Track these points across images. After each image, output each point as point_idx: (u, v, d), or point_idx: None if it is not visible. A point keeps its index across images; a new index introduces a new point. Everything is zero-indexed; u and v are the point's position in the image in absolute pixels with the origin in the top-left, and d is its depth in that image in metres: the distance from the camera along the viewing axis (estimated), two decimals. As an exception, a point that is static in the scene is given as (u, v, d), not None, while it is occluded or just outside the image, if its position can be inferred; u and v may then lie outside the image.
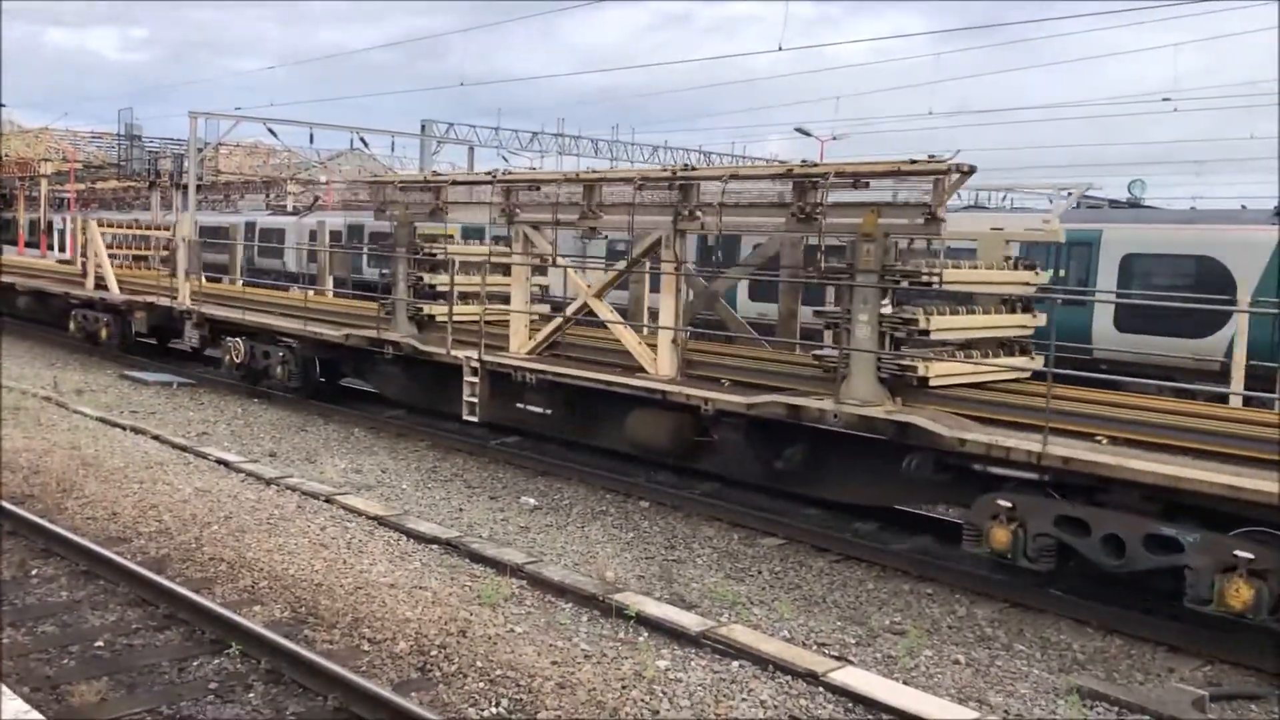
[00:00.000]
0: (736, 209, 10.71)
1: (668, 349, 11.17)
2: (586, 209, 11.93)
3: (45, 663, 6.54)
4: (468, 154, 47.05)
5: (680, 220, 11.01)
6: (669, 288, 11.17)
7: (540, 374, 11.92)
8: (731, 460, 10.88)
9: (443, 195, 13.87)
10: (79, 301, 21.39)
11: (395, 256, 14.23)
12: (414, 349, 13.59)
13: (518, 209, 12.73)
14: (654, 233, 11.28)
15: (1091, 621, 8.09)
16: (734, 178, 10.89)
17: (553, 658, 6.81)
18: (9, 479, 10.82)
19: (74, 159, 57.78)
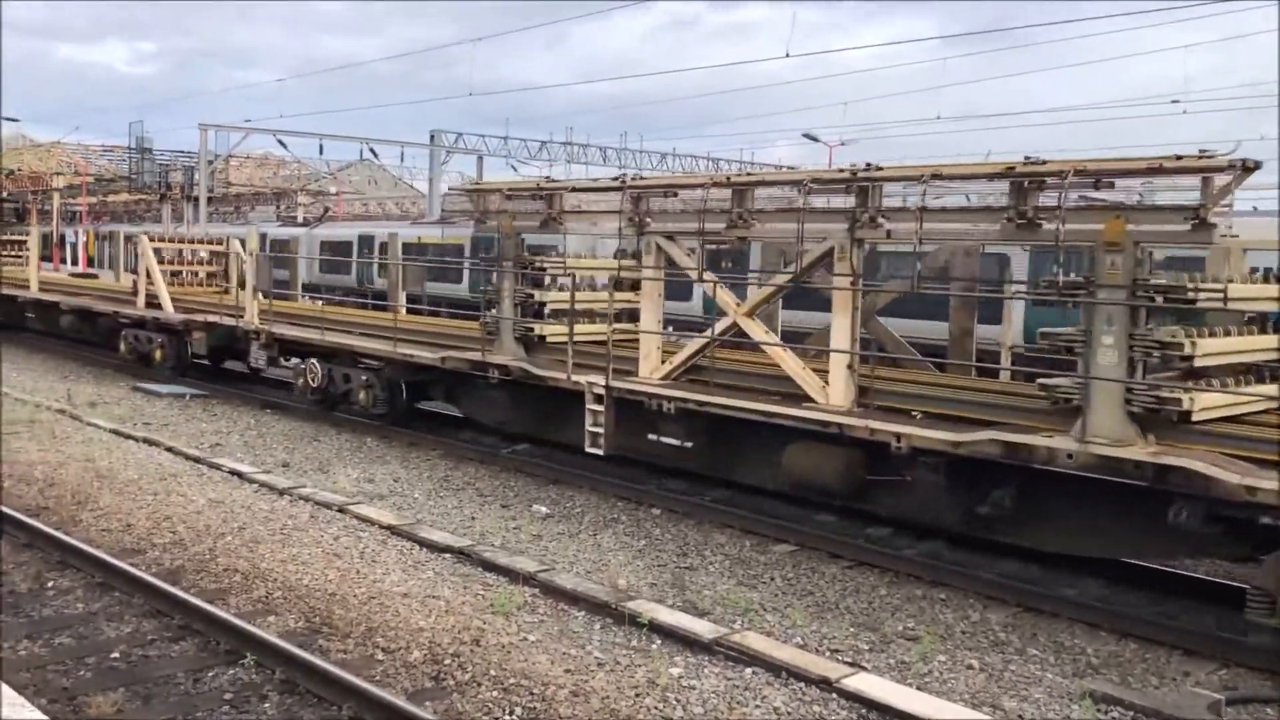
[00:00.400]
0: (941, 213, 9.36)
1: (842, 375, 9.81)
2: (736, 216, 10.69)
3: (62, 674, 6.58)
4: (477, 163, 47.25)
5: (859, 227, 9.68)
6: (843, 304, 9.84)
7: (681, 402, 10.65)
8: (923, 503, 9.44)
9: (556, 204, 12.75)
10: (129, 321, 20.21)
11: (501, 271, 12.95)
12: (526, 373, 12.36)
13: (649, 218, 11.56)
14: (825, 242, 9.96)
15: (1105, 625, 8.07)
16: (936, 178, 9.29)
17: (566, 666, 6.83)
18: (25, 491, 10.89)
19: (85, 172, 58.11)
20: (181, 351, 19.10)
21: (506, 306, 12.91)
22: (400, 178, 77.82)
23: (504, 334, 12.94)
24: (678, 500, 11.36)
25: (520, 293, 12.89)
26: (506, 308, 12.91)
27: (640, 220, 11.58)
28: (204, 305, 19.66)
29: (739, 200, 10.74)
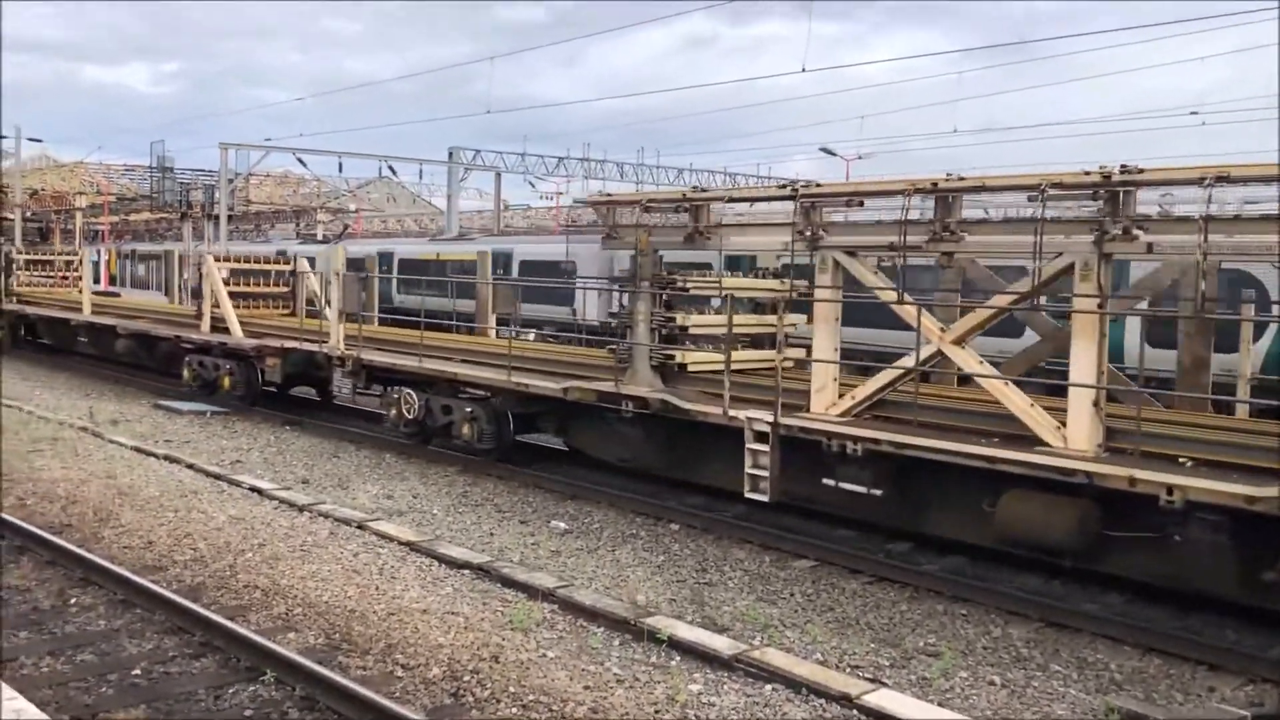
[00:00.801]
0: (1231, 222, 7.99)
1: (1085, 414, 8.41)
2: (940, 228, 9.33)
3: (84, 691, 6.61)
4: (495, 180, 47.45)
5: (1109, 240, 8.32)
6: (1087, 331, 8.49)
7: (871, 443, 9.29)
8: (1188, 565, 8.00)
9: (705, 216, 11.60)
10: (193, 346, 19.12)
11: (636, 292, 11.63)
12: (669, 407, 11.08)
13: (824, 230, 10.23)
14: (1060, 258, 8.64)
15: (1128, 640, 8.00)
16: (1223, 180, 7.84)
17: (585, 682, 6.81)
18: (48, 509, 10.96)
19: (107, 191, 58.67)
20: (252, 379, 17.95)
21: (642, 331, 11.59)
22: (419, 195, 78.23)
23: (638, 362, 11.63)
24: (696, 515, 11.34)
25: (658, 316, 11.61)
26: (642, 332, 11.59)
27: (814, 233, 10.21)
28: (274, 329, 18.63)
29: (942, 210, 9.36)
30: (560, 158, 47.61)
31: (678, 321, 11.76)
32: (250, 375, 17.96)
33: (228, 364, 18.23)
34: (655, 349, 11.63)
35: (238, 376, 18.01)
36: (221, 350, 18.46)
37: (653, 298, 11.61)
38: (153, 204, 47.06)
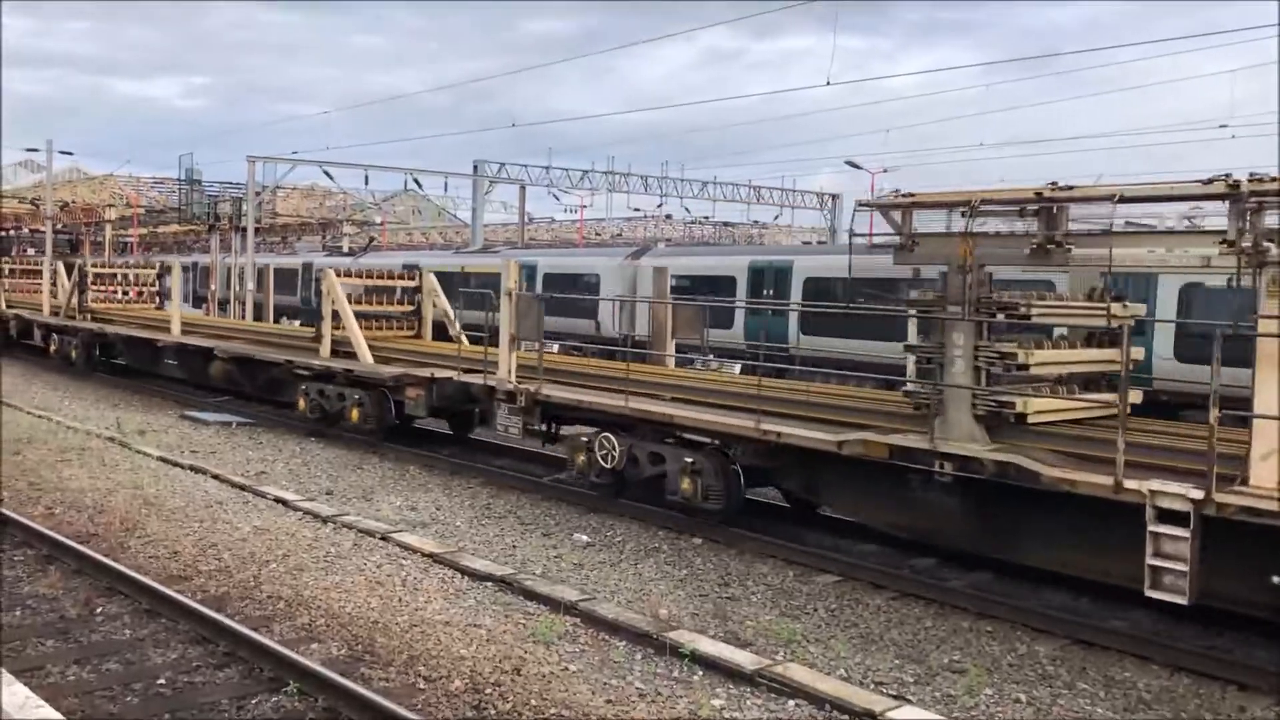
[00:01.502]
0: None
1: None
2: None
3: (109, 700, 6.65)
4: (519, 193, 47.66)
5: None
6: None
7: None
8: None
9: (1063, 221, 9.27)
10: (310, 374, 16.90)
11: (951, 320, 9.20)
12: (1015, 471, 8.52)
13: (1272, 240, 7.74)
14: None
15: (1157, 658, 7.90)
16: None
17: (607, 696, 6.79)
18: (75, 518, 11.05)
19: (136, 204, 59.30)
20: (385, 412, 15.63)
21: (961, 370, 9.13)
22: (444, 208, 78.62)
23: (955, 410, 9.17)
24: (719, 530, 11.30)
25: (987, 351, 9.10)
26: (961, 371, 9.13)
27: (1258, 244, 7.79)
28: (404, 354, 16.75)
29: None
30: (585, 171, 47.77)
31: (1019, 358, 9.06)
32: (383, 407, 15.62)
33: (355, 394, 15.87)
34: (982, 394, 9.08)
35: (368, 409, 15.64)
36: (347, 378, 16.17)
37: (977, 327, 9.10)
38: (181, 216, 47.54)
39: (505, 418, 13.57)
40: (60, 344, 25.58)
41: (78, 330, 24.87)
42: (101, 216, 57.22)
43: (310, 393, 16.75)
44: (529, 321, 13.25)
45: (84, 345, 24.46)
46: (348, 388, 16.08)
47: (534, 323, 13.26)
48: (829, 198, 52.65)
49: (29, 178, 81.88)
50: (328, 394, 16.45)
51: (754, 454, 10.89)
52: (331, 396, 16.35)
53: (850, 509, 11.00)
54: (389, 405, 15.57)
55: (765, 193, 51.79)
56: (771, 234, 61.19)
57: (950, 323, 9.24)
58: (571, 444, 12.55)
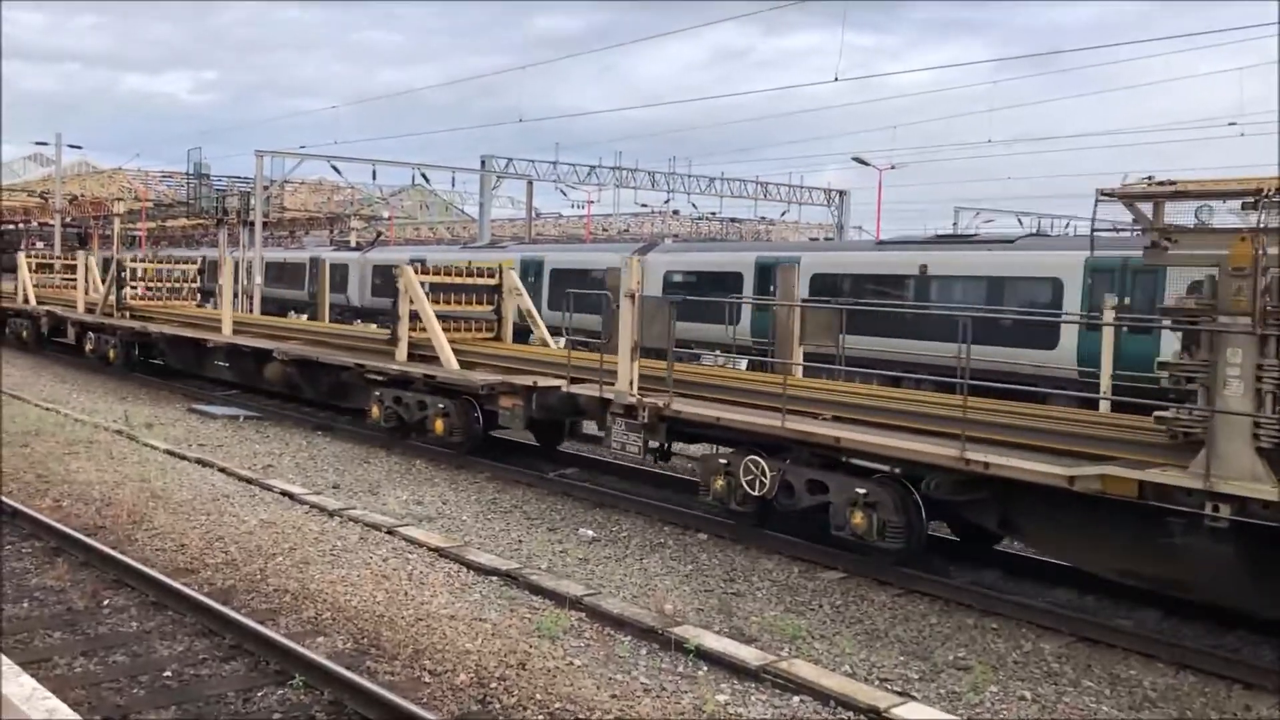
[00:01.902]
0: None
1: None
2: None
3: (116, 692, 6.68)
4: (526, 188, 47.68)
5: None
6: None
7: None
8: None
9: None
10: (385, 379, 15.57)
11: (1223, 332, 7.71)
12: None
13: None
14: None
15: (1163, 657, 7.89)
16: None
17: (612, 691, 6.80)
18: (83, 510, 11.09)
19: (145, 198, 59.42)
20: (471, 423, 14.29)
21: (1240, 393, 7.63)
22: (451, 203, 78.66)
23: (1229, 441, 7.60)
24: (725, 525, 11.30)
25: (1275, 371, 7.56)
26: (1240, 395, 7.63)
27: None
28: (489, 358, 15.29)
29: None
30: (592, 166, 47.77)
31: None
32: (470, 417, 14.26)
33: (440, 402, 14.45)
34: (1269, 423, 7.56)
35: (455, 419, 14.26)
36: (428, 385, 14.81)
37: (1262, 341, 7.59)
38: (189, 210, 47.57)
39: (622, 434, 11.77)
40: (97, 343, 24.07)
41: (116, 329, 23.49)
42: (110, 210, 57.35)
43: (385, 400, 15.29)
44: (657, 327, 11.94)
45: (123, 345, 23.10)
46: (429, 395, 14.74)
47: (663, 328, 11.83)
48: (836, 194, 52.60)
49: (38, 171, 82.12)
50: (406, 402, 15.00)
51: (948, 485, 9.36)
52: (411, 405, 14.92)
53: (1059, 549, 9.40)
54: (475, 415, 14.20)
55: (772, 189, 51.74)
56: (779, 230, 61.15)
57: (1225, 337, 7.71)
58: (708, 466, 11.02)
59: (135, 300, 24.76)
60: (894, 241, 25.63)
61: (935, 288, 21.61)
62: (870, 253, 24.28)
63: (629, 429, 11.80)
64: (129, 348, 23.12)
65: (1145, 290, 17.63)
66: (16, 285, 29.82)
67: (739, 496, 10.68)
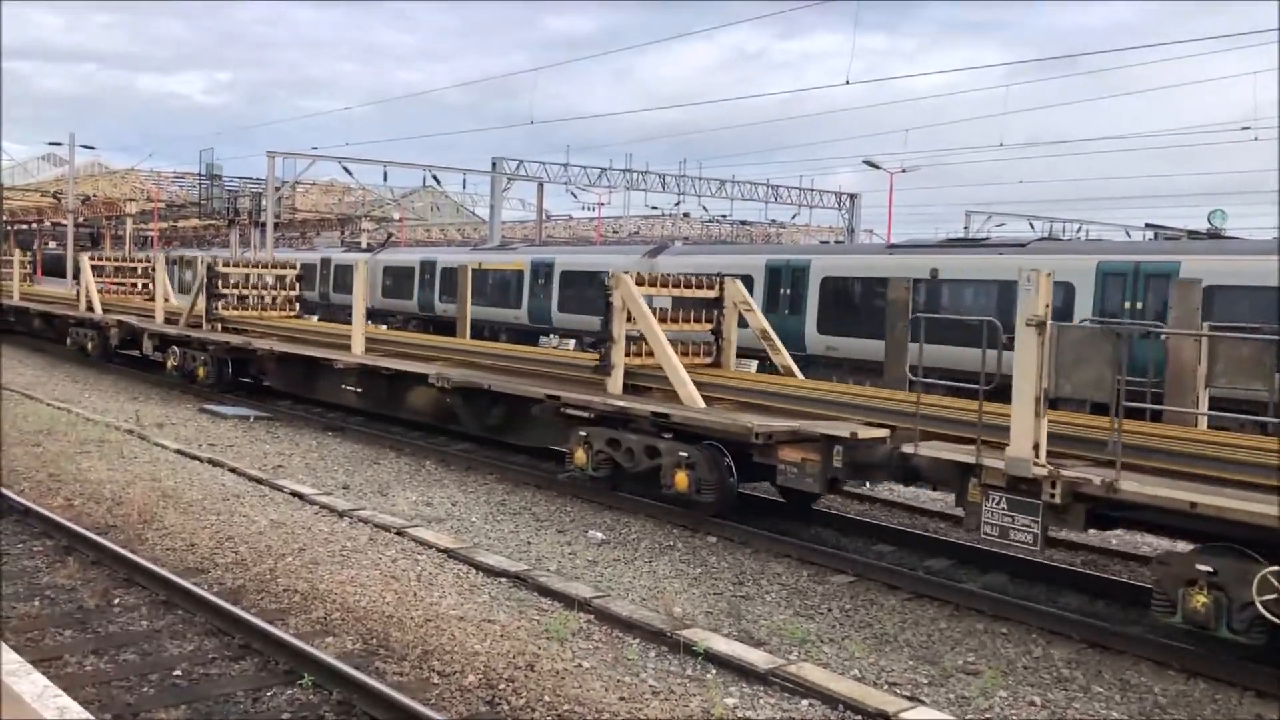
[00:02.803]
0: None
1: None
2: None
3: (126, 690, 6.69)
4: (537, 190, 47.72)
5: None
6: None
7: None
8: None
9: None
10: (592, 414, 12.34)
11: None
12: None
13: None
14: None
15: (1173, 664, 7.86)
16: None
17: (620, 693, 6.80)
18: (94, 509, 11.13)
19: (157, 198, 59.65)
20: (725, 477, 11.12)
21: None
22: (462, 204, 78.76)
23: None
24: (734, 529, 11.29)
25: None
26: None
27: None
28: (723, 389, 12.44)
29: None
30: (602, 169, 47.79)
31: None
32: (723, 470, 11.13)
33: (681, 450, 11.27)
34: None
35: (703, 471, 11.08)
36: (657, 424, 11.63)
37: None
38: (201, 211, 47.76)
39: (1002, 515, 8.62)
40: (182, 358, 20.93)
41: (208, 343, 20.30)
42: (122, 210, 57.57)
43: (595, 442, 12.24)
44: (1088, 372, 8.39)
45: (215, 362, 20.05)
46: (662, 439, 11.58)
47: (1099, 372, 8.31)
48: (847, 197, 52.54)
49: (51, 171, 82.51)
50: (627, 446, 11.91)
51: None
52: (635, 451, 11.80)
53: None
54: (727, 464, 11.13)
55: (783, 192, 51.70)
56: (789, 233, 61.10)
57: None
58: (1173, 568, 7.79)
59: (227, 310, 21.61)
60: (905, 245, 25.63)
61: (946, 291, 21.58)
62: (881, 256, 24.25)
63: (1018, 509, 8.57)
64: (221, 365, 19.99)
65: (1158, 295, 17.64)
66: (78, 291, 26.90)
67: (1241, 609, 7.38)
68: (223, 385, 20.12)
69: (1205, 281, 16.54)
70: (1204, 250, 18.44)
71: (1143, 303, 18.10)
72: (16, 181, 75.23)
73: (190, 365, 20.73)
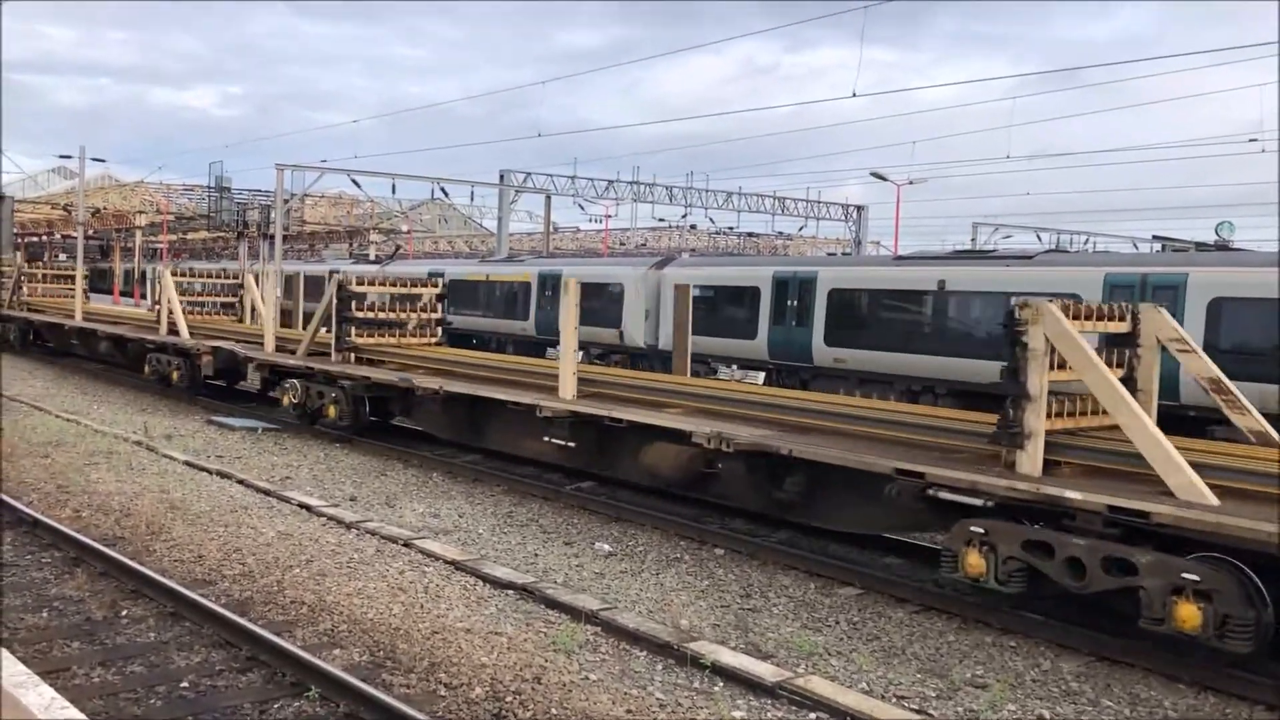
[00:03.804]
0: None
1: None
2: None
3: (133, 702, 6.70)
4: (545, 202, 47.81)
5: None
6: None
7: None
8: None
9: None
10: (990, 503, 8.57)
11: None
12: None
13: None
14: None
15: (1184, 678, 7.81)
16: None
17: (627, 706, 6.78)
18: (102, 521, 11.15)
19: (167, 211, 59.90)
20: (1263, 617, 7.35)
21: None
22: (470, 217, 78.97)
23: None
24: (741, 540, 11.27)
25: None
26: None
27: None
28: None
29: None
30: (610, 181, 47.91)
31: None
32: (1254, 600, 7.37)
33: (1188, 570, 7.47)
34: None
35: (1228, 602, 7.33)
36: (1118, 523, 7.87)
37: None
38: (210, 223, 47.98)
39: None
40: (304, 394, 17.37)
41: (339, 378, 16.63)
42: (132, 223, 57.82)
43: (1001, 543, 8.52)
44: None
45: (351, 400, 16.40)
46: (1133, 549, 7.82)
47: None
48: (854, 209, 52.57)
49: (61, 184, 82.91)
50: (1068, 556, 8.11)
51: None
52: (1087, 564, 8.00)
53: None
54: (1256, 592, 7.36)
55: (790, 204, 51.75)
56: (796, 245, 61.13)
57: None
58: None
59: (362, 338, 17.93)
60: (912, 257, 25.61)
61: (953, 303, 21.55)
62: (888, 268, 24.21)
63: None
64: (358, 404, 16.50)
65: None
66: (159, 312, 23.44)
67: None
68: (357, 427, 16.76)
69: (1213, 294, 16.47)
70: (1212, 262, 18.44)
71: None
72: (27, 194, 75.67)
73: (316, 403, 17.08)
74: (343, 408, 16.55)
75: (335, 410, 16.70)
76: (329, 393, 16.88)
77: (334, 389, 16.79)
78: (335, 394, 16.71)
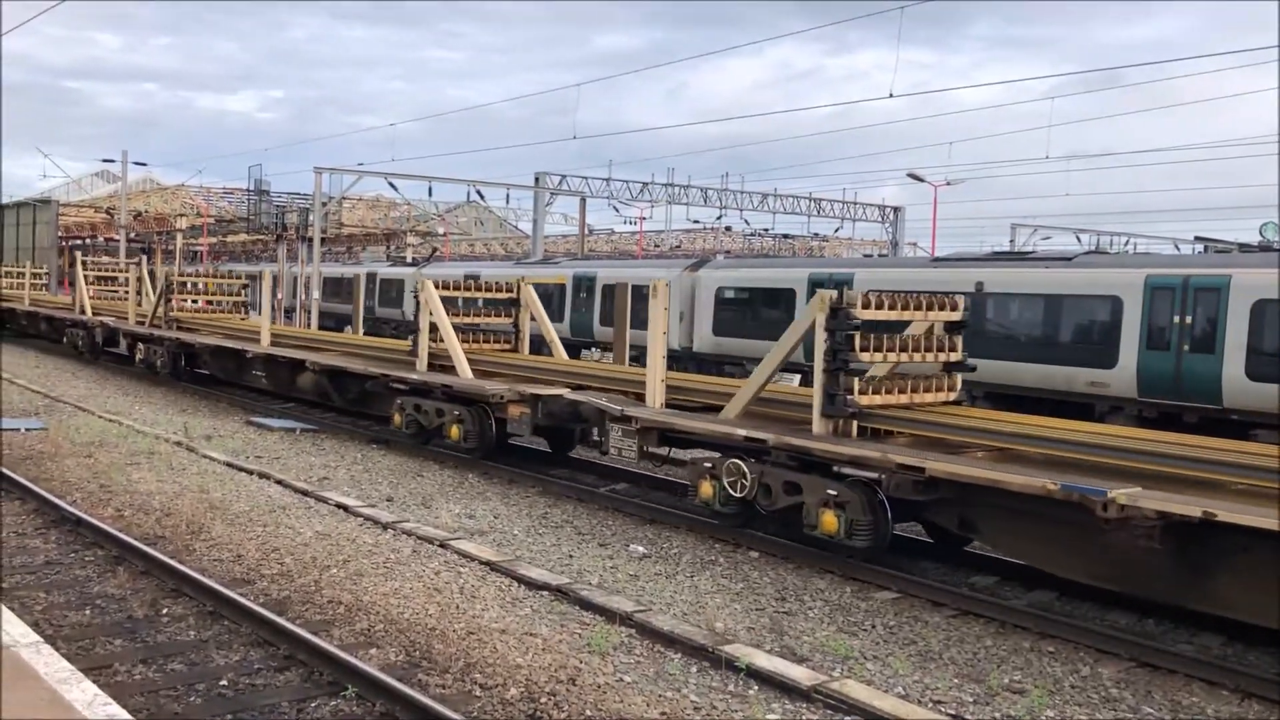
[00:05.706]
0: None
1: None
2: None
3: (174, 699, 6.78)
4: (579, 205, 47.92)
5: None
6: None
7: None
8: None
9: None
10: None
11: None
12: None
13: None
14: None
15: (1227, 684, 7.70)
16: None
17: (662, 708, 6.78)
18: (143, 520, 11.30)
19: (206, 214, 60.60)
20: None
21: None
22: (505, 219, 79.28)
23: None
24: (776, 544, 11.24)
25: None
26: None
27: None
28: None
29: None
30: (644, 183, 47.93)
31: None
32: None
33: None
34: None
35: None
36: None
37: None
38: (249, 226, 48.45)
39: None
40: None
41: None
42: (172, 225, 58.54)
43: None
44: None
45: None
46: None
47: None
48: (890, 210, 52.25)
49: (104, 188, 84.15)
50: None
51: None
52: None
53: None
54: None
55: (826, 205, 51.53)
56: (831, 247, 60.84)
57: None
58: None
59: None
60: (949, 258, 25.40)
61: (991, 305, 21.36)
62: (925, 269, 24.05)
63: None
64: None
65: (1206, 309, 17.43)
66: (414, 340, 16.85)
67: None
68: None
69: (1257, 296, 16.21)
70: (1256, 264, 18.15)
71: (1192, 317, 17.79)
72: (71, 197, 76.87)
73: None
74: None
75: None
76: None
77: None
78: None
